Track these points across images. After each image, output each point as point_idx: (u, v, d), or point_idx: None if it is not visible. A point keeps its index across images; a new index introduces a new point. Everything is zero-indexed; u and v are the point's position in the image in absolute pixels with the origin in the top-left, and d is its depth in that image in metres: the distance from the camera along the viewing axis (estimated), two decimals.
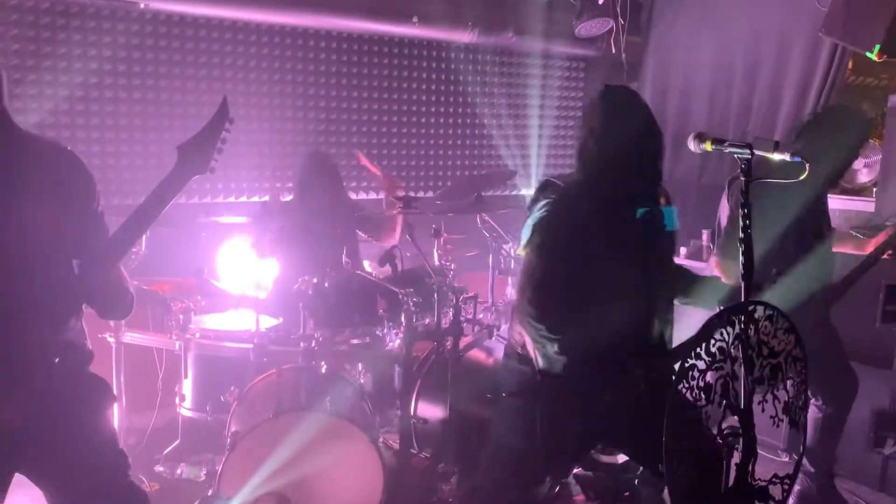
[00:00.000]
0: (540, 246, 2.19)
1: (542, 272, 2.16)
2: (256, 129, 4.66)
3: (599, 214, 2.16)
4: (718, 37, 5.15)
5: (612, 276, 2.14)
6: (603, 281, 2.14)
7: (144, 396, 3.79)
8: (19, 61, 3.94)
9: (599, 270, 2.14)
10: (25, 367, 1.76)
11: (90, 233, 1.92)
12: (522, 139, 5.79)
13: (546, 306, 2.14)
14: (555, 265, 2.15)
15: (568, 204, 2.20)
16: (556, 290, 2.14)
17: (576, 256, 2.14)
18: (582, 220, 2.16)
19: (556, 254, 2.16)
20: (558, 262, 2.15)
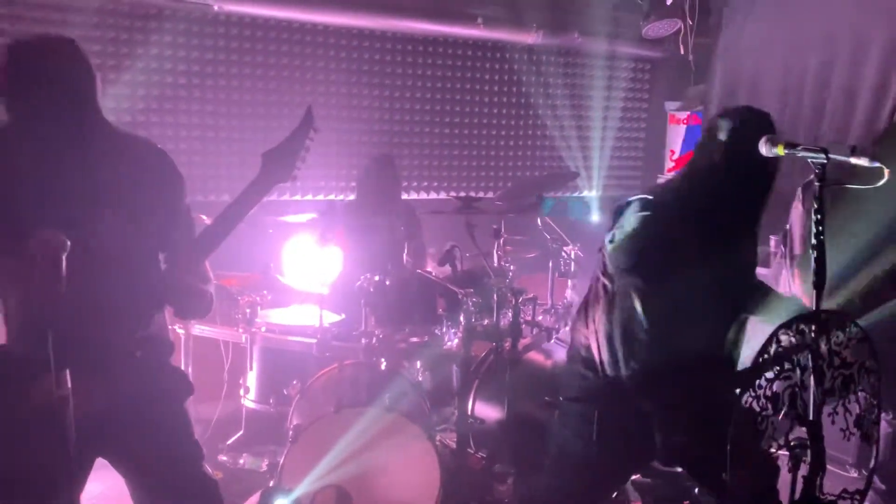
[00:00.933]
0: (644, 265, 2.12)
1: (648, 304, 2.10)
2: (324, 130, 4.68)
3: (700, 235, 2.10)
4: (791, 37, 5.00)
5: (700, 294, 2.08)
6: (691, 298, 2.08)
7: (211, 387, 3.89)
8: (100, 62, 4.10)
9: (690, 288, 2.08)
10: (110, 358, 1.82)
11: (176, 229, 1.98)
12: (585, 141, 5.74)
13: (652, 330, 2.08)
14: (659, 287, 2.09)
15: (668, 220, 2.12)
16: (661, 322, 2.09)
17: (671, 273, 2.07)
18: (681, 238, 2.09)
19: (659, 272, 2.09)
20: (662, 284, 2.09)
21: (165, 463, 1.97)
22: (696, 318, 2.08)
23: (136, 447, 1.94)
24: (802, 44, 4.93)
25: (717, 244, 2.11)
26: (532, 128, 5.63)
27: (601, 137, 5.77)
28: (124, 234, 1.86)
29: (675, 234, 2.09)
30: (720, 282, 2.12)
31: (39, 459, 1.56)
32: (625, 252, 2.14)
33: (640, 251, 2.11)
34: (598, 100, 5.75)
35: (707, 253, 2.09)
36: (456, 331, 3.32)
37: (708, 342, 2.13)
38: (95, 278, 1.70)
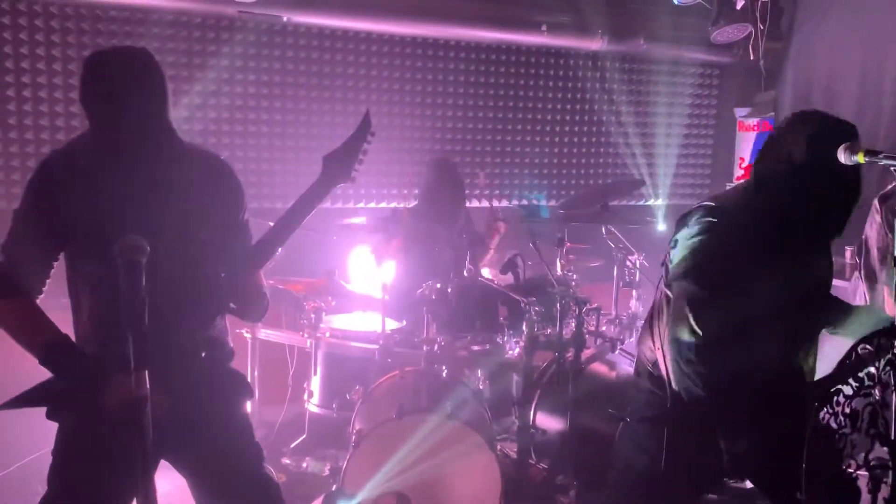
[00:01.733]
0: (704, 273, 2.05)
1: (709, 302, 2.03)
2: (386, 138, 4.81)
3: (768, 247, 2.03)
4: (868, 40, 4.82)
5: (770, 308, 2.01)
6: (759, 314, 2.01)
7: (275, 391, 3.96)
8: (174, 72, 4.25)
9: (757, 303, 2.01)
10: (176, 359, 1.88)
11: (236, 239, 2.04)
12: (650, 148, 5.65)
13: (710, 338, 2.02)
14: (719, 294, 2.03)
15: (734, 229, 2.05)
16: (722, 322, 2.03)
17: (737, 286, 2.01)
18: (748, 248, 2.02)
19: (720, 281, 2.02)
20: (722, 291, 2.03)
21: (226, 464, 2.01)
22: (761, 330, 2.00)
23: (197, 448, 1.99)
24: (881, 45, 4.74)
25: (786, 256, 2.04)
26: (596, 135, 5.57)
27: (667, 145, 5.66)
28: (190, 240, 1.92)
29: (738, 243, 2.03)
30: (790, 294, 2.04)
31: (119, 458, 1.61)
32: (682, 258, 2.10)
33: (696, 257, 2.06)
34: (663, 106, 5.65)
35: (774, 264, 2.02)
36: (518, 340, 3.30)
37: (775, 355, 2.05)
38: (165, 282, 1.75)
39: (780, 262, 2.03)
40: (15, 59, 3.95)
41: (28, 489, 2.16)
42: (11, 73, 3.96)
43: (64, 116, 4.06)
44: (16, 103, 3.98)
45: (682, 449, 2.11)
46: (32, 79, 4.00)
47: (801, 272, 2.09)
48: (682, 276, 2.08)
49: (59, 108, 4.05)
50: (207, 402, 1.98)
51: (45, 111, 4.04)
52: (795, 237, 2.06)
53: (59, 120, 4.06)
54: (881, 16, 4.72)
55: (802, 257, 2.11)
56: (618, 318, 4.09)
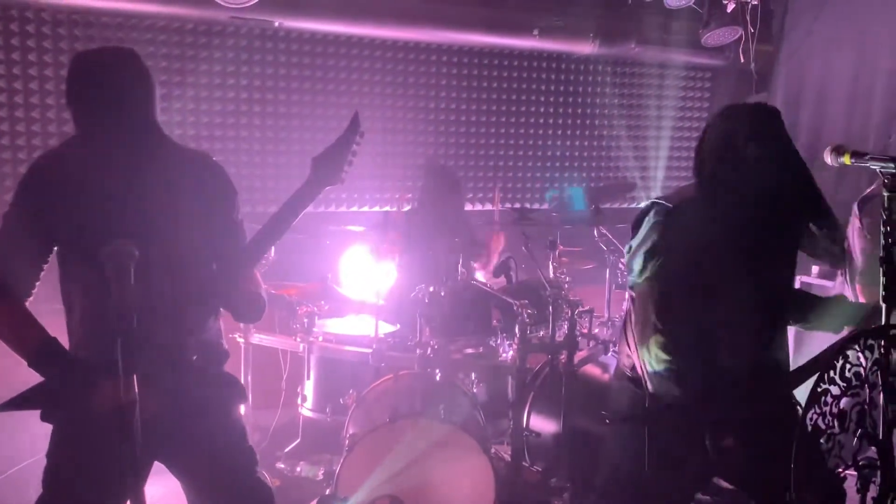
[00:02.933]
0: (661, 273, 2.08)
1: (669, 301, 2.07)
2: (380, 142, 4.82)
3: (722, 237, 2.05)
4: (859, 42, 4.85)
5: (732, 303, 2.04)
6: (723, 309, 2.04)
7: (269, 395, 3.96)
8: (166, 77, 4.25)
9: (719, 298, 2.04)
10: (167, 363, 1.87)
11: (230, 240, 2.03)
12: (643, 151, 5.66)
13: (674, 336, 2.05)
14: (679, 292, 2.06)
15: (686, 225, 2.08)
16: (684, 319, 2.05)
17: (696, 283, 2.04)
18: (703, 243, 2.05)
19: (679, 280, 2.06)
20: (682, 290, 2.06)
21: (219, 468, 2.01)
22: (727, 324, 2.02)
23: (190, 451, 1.99)
24: (871, 48, 4.77)
25: (741, 248, 2.05)
26: (588, 138, 5.59)
27: (659, 147, 5.68)
28: (181, 243, 1.92)
29: (691, 238, 2.05)
30: (751, 286, 2.06)
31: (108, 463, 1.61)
32: (636, 258, 2.13)
33: (649, 255, 2.09)
34: (655, 109, 5.68)
35: (729, 257, 2.04)
36: (511, 342, 3.31)
37: (745, 348, 2.07)
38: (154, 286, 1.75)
39: (735, 255, 2.05)
40: (7, 64, 3.95)
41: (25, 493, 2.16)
42: (3, 78, 3.95)
43: (56, 122, 4.05)
44: (7, 109, 3.97)
45: (668, 449, 2.12)
46: (24, 84, 3.99)
47: (759, 264, 2.11)
48: (642, 279, 2.10)
49: (52, 115, 4.05)
50: (200, 406, 1.98)
51: (37, 117, 4.04)
52: (746, 228, 2.07)
53: (52, 126, 4.05)
54: (871, 19, 4.75)
55: (759, 249, 2.11)
56: (610, 321, 4.10)
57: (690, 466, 2.15)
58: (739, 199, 2.06)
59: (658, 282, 2.09)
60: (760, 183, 2.03)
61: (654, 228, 2.11)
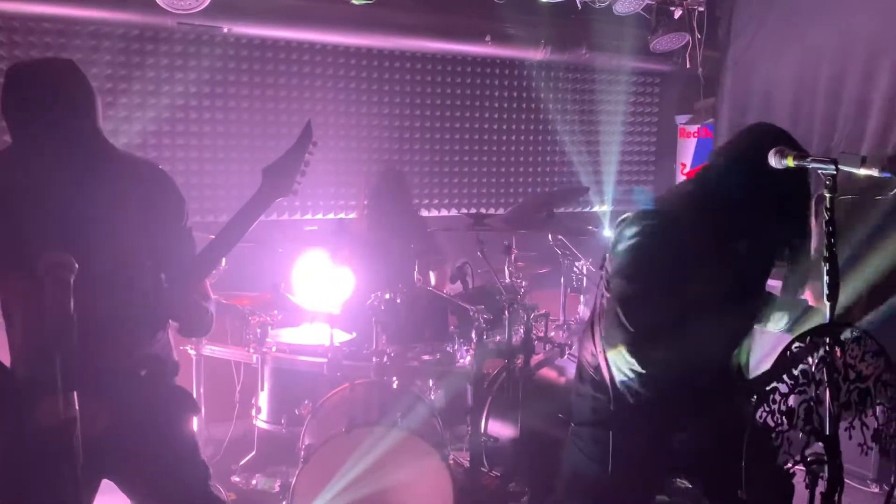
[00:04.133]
0: (636, 273, 2.08)
1: (639, 301, 2.07)
2: (333, 149, 4.79)
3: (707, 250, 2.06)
4: (802, 49, 4.98)
5: (705, 308, 2.05)
6: (695, 313, 2.05)
7: (222, 408, 3.89)
8: (112, 85, 4.15)
9: (693, 302, 2.05)
10: (114, 378, 1.83)
11: (179, 249, 1.99)
12: (595, 155, 5.73)
13: (640, 337, 2.06)
14: (651, 294, 2.07)
15: (670, 232, 2.08)
16: (652, 321, 2.06)
17: (671, 286, 2.05)
18: (685, 257, 2.04)
19: (653, 282, 2.07)
20: (654, 292, 2.07)
21: (171, 483, 1.97)
22: (698, 328, 2.04)
23: (140, 468, 1.94)
24: (814, 53, 4.90)
25: (723, 256, 2.08)
26: (542, 143, 5.63)
27: (612, 152, 5.76)
28: (126, 254, 1.88)
29: (675, 242, 2.07)
30: (727, 293, 2.09)
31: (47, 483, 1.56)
32: (618, 258, 2.14)
33: (630, 257, 2.10)
34: (607, 114, 5.75)
35: (711, 264, 2.06)
36: (468, 348, 3.30)
37: (714, 352, 2.10)
38: (98, 298, 1.70)
39: (717, 263, 2.07)
40: None
41: None
42: None
43: None
44: None
45: (629, 452, 2.13)
46: None
47: (739, 272, 2.14)
48: (616, 276, 2.12)
49: None
50: (150, 421, 1.93)
51: None
52: (731, 238, 2.10)
53: None
54: (814, 25, 4.88)
55: (740, 258, 2.15)
56: (566, 324, 4.13)
57: (653, 468, 2.16)
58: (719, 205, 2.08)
59: (633, 281, 2.09)
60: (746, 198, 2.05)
61: (640, 231, 2.11)
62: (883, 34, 4.44)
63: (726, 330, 2.13)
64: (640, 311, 2.04)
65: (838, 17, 4.72)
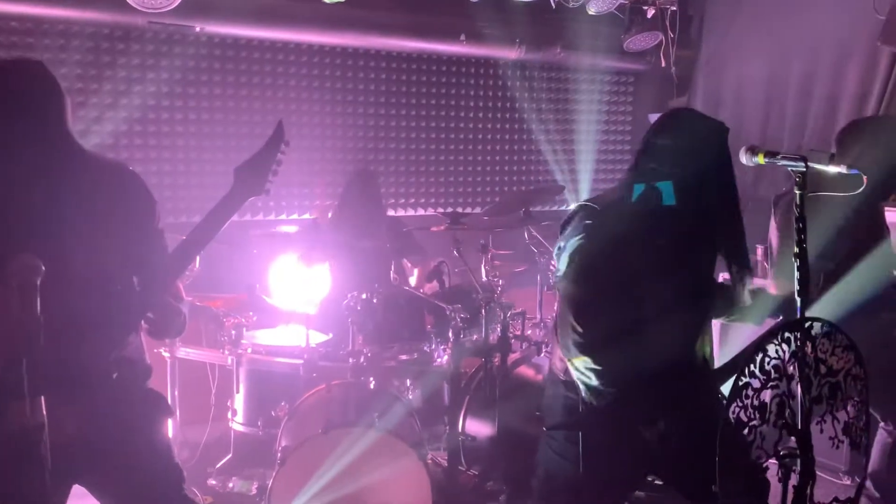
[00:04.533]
0: (581, 274, 2.12)
1: (587, 302, 2.10)
2: (307, 148, 4.75)
3: (647, 240, 2.09)
4: (773, 48, 5.05)
5: (657, 300, 2.08)
6: (648, 307, 2.07)
7: (198, 411, 3.85)
8: (82, 84, 4.09)
9: (644, 296, 2.08)
10: (85, 382, 1.80)
11: (151, 251, 1.96)
12: (571, 154, 5.76)
13: (592, 337, 2.07)
14: (599, 293, 2.09)
15: (611, 225, 2.11)
16: (602, 320, 2.08)
17: (619, 282, 2.07)
18: (627, 241, 2.08)
19: (600, 281, 2.09)
20: (602, 290, 2.09)
21: (143, 488, 1.95)
22: (654, 324, 2.07)
23: (111, 472, 1.92)
24: (784, 52, 4.97)
25: (666, 249, 2.11)
26: (518, 142, 5.64)
27: (586, 150, 5.78)
28: (96, 256, 1.85)
29: (615, 241, 2.09)
30: (676, 286, 2.11)
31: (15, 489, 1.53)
32: (562, 258, 2.16)
33: (575, 258, 2.12)
34: (582, 113, 5.77)
35: (654, 258, 2.08)
36: (445, 347, 3.30)
37: (673, 347, 2.12)
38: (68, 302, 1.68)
39: (658, 251, 2.09)
40: None
41: None
42: None
43: None
44: None
45: (602, 450, 2.14)
46: None
47: (684, 264, 2.16)
48: (564, 279, 2.13)
49: None
50: (122, 425, 1.91)
51: None
52: (673, 231, 2.12)
53: None
54: (784, 24, 4.95)
55: (684, 249, 2.17)
56: (542, 322, 4.14)
57: (626, 466, 2.18)
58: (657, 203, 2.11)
59: (580, 282, 2.11)
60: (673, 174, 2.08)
61: (581, 229, 2.14)
62: (851, 32, 4.51)
63: (681, 321, 2.15)
64: (588, 312, 2.07)
65: (808, 16, 4.79)
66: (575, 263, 2.12)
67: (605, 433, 2.12)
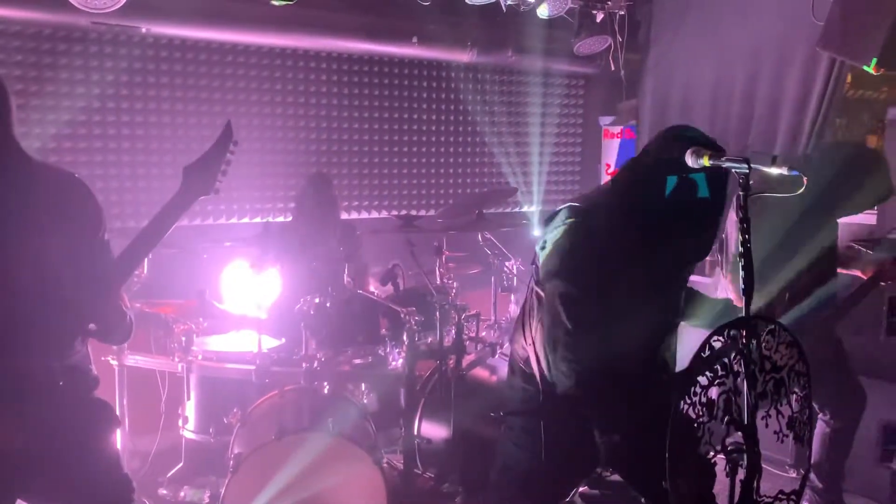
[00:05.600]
0: (567, 279, 2.12)
1: (571, 308, 2.10)
2: (258, 151, 4.69)
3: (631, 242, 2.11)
4: (718, 52, 5.16)
5: (636, 306, 2.09)
6: (627, 311, 2.09)
7: (147, 419, 3.78)
8: (23, 87, 3.97)
9: (625, 301, 2.09)
10: (29, 391, 1.76)
11: (96, 260, 1.92)
12: (523, 156, 5.81)
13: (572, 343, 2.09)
14: (583, 300, 2.10)
15: (597, 227, 2.12)
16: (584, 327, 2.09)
17: (604, 287, 2.08)
18: (612, 246, 2.09)
19: (589, 280, 2.10)
20: (590, 289, 2.10)
21: (92, 501, 1.90)
22: (629, 324, 2.09)
23: (56, 486, 1.87)
24: (730, 57, 5.09)
25: (647, 251, 2.13)
26: (471, 145, 5.67)
27: (539, 153, 5.84)
28: (41, 264, 1.81)
29: (601, 240, 2.11)
30: (653, 288, 2.14)
31: None
32: (550, 257, 2.16)
33: (564, 255, 2.13)
34: (534, 116, 5.82)
35: (636, 259, 2.11)
36: (400, 350, 3.30)
37: (643, 347, 2.15)
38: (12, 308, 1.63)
39: (643, 258, 2.12)
40: None
41: None
42: None
43: None
44: None
45: (558, 442, 2.17)
46: None
47: (663, 267, 2.20)
48: (554, 276, 2.14)
49: None
50: (69, 436, 1.86)
51: None
52: (653, 234, 2.15)
53: None
54: (728, 30, 5.06)
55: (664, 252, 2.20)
56: (497, 323, 4.17)
57: (580, 458, 2.21)
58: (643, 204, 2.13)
59: (570, 282, 2.11)
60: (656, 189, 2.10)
61: (570, 229, 2.14)
62: (791, 36, 4.64)
63: (649, 324, 2.18)
64: (580, 309, 2.08)
65: (750, 22, 4.91)
66: (565, 261, 2.12)
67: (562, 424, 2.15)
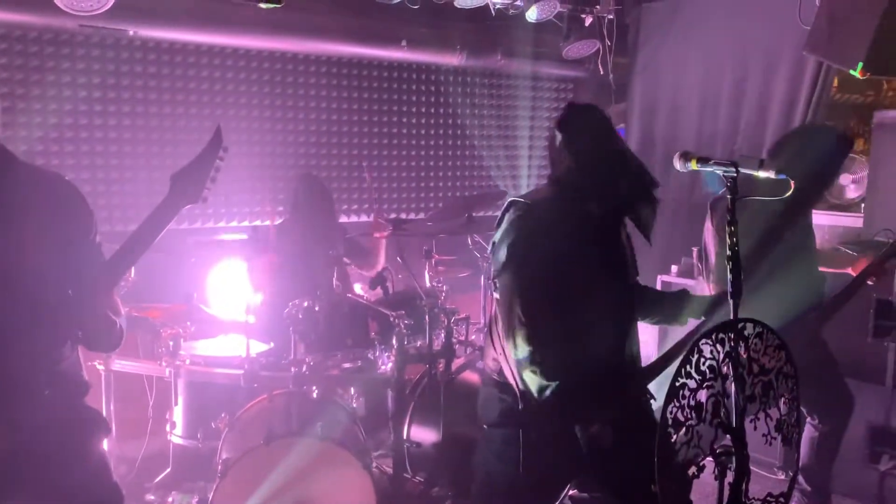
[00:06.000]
0: (516, 271, 2.14)
1: (523, 299, 2.12)
2: (247, 154, 4.68)
3: (576, 232, 2.13)
4: (706, 56, 5.20)
5: (592, 297, 2.11)
6: (583, 303, 2.11)
7: (135, 424, 3.75)
8: (8, 90, 3.94)
9: (579, 292, 2.11)
10: (15, 398, 1.74)
11: (87, 264, 1.90)
12: (512, 160, 5.82)
13: (529, 334, 2.10)
14: (535, 290, 2.12)
15: (542, 220, 2.15)
16: (539, 317, 2.10)
17: (555, 278, 2.10)
18: (557, 238, 2.12)
19: (538, 272, 2.12)
20: (541, 282, 2.11)
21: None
22: (582, 320, 2.10)
23: (45, 494, 1.84)
24: (717, 61, 5.12)
25: (592, 242, 2.15)
26: (460, 148, 5.67)
27: (528, 156, 5.86)
28: (29, 268, 1.79)
29: (546, 234, 2.14)
30: (606, 280, 2.16)
31: None
32: (498, 251, 2.19)
33: (510, 248, 2.16)
34: (523, 119, 5.84)
35: (582, 251, 2.13)
36: (389, 354, 3.29)
37: (606, 344, 2.16)
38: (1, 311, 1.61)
39: (588, 249, 2.14)
40: None
41: None
42: None
43: None
44: None
45: (539, 450, 2.16)
46: None
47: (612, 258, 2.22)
48: (503, 269, 2.16)
49: None
50: (55, 445, 1.84)
51: None
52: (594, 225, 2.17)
53: None
54: (716, 34, 5.10)
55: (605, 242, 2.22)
56: (486, 327, 4.16)
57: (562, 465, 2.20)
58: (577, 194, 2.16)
59: (520, 275, 2.13)
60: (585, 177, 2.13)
61: (514, 223, 2.17)
62: (778, 41, 4.68)
63: (610, 316, 2.19)
64: (532, 298, 2.09)
65: (738, 26, 4.94)
66: (515, 257, 2.14)
67: (542, 432, 2.14)
